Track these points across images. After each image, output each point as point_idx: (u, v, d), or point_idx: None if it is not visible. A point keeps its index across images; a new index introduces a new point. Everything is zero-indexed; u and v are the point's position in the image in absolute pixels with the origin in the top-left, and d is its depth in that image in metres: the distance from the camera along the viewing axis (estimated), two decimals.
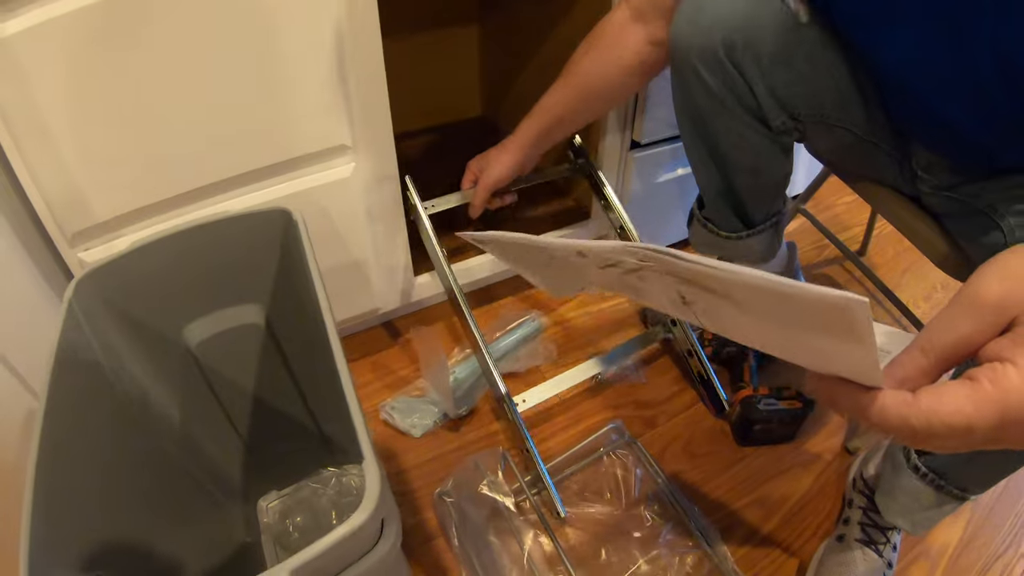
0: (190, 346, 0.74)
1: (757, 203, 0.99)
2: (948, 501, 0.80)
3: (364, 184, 0.96)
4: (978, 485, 0.79)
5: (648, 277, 0.41)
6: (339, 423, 0.82)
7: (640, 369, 1.20)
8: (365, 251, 1.03)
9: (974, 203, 0.79)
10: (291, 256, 0.74)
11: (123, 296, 0.66)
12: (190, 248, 0.69)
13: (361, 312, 1.10)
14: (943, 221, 0.88)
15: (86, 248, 0.79)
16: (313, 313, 0.61)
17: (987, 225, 0.77)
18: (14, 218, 0.74)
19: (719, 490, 1.02)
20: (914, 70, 0.72)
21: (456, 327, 1.25)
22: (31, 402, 0.72)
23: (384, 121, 0.91)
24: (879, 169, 0.91)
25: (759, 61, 0.79)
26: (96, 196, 0.76)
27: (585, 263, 0.46)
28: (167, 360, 0.72)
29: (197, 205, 0.84)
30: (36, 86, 0.67)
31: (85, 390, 0.58)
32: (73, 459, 0.55)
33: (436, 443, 1.04)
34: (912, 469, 0.81)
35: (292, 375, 0.83)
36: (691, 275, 0.36)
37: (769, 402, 1.05)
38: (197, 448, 0.77)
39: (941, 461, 0.79)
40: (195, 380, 0.76)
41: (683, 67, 0.83)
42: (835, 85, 0.82)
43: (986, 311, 0.35)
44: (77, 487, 0.55)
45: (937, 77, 0.70)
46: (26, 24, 0.64)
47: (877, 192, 0.96)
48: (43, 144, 0.70)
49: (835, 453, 1.09)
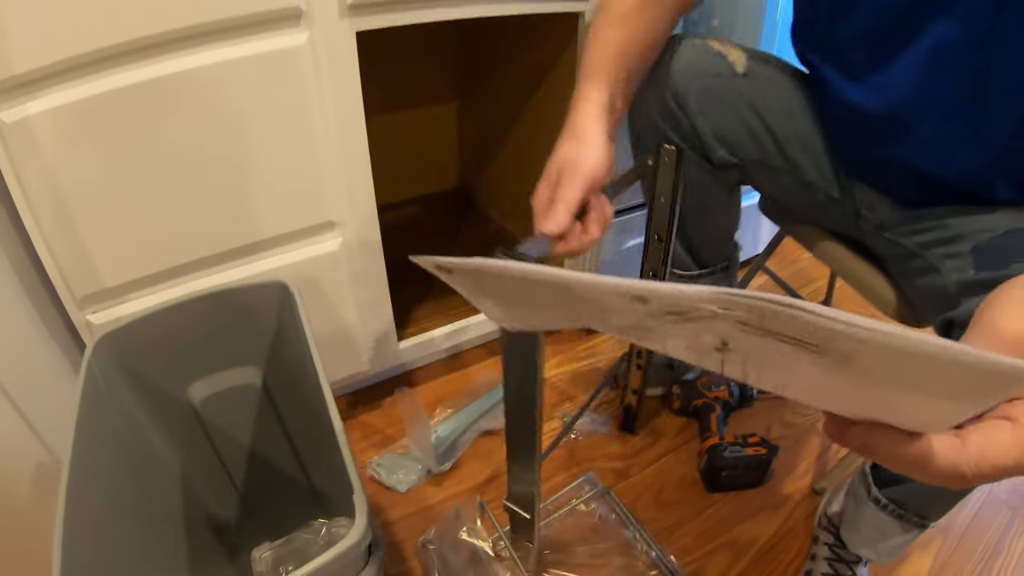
0: (193, 403, 0.80)
1: (707, 244, 1.07)
2: (910, 529, 0.85)
3: (350, 257, 1.03)
4: (936, 511, 0.83)
5: (696, 322, 0.33)
6: (329, 477, 0.88)
7: (610, 423, 1.26)
8: (352, 318, 1.09)
9: (911, 244, 0.83)
10: (287, 323, 0.82)
11: (134, 357, 0.73)
12: (196, 315, 0.77)
13: (349, 375, 1.16)
14: (887, 266, 0.91)
15: (93, 311, 0.85)
16: (306, 375, 0.68)
17: (925, 267, 0.80)
18: (27, 279, 0.80)
19: (690, 535, 1.06)
20: (903, 107, 0.75)
21: (438, 388, 1.32)
22: (35, 442, 0.76)
23: (368, 200, 1.00)
24: (823, 210, 0.95)
25: (700, 103, 0.87)
26: (104, 264, 0.82)
27: (623, 305, 0.36)
28: (172, 415, 0.79)
29: (198, 274, 0.90)
30: (54, 162, 0.74)
31: (103, 440, 0.64)
32: (91, 509, 0.59)
33: (420, 497, 1.09)
34: (873, 501, 0.85)
35: (286, 432, 0.89)
36: (813, 331, 0.29)
37: (734, 449, 1.11)
38: (196, 498, 0.82)
39: (901, 492, 0.83)
40: (197, 435, 0.82)
41: (640, 118, 0.94)
42: (775, 130, 0.89)
43: (1007, 345, 0.36)
44: (94, 535, 0.59)
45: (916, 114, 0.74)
46: (47, 105, 0.71)
47: (822, 240, 1.00)
48: (58, 214, 0.76)
49: (803, 495, 1.14)
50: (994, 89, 0.68)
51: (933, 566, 1.04)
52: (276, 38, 0.80)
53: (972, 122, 0.71)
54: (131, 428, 0.72)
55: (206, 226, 0.87)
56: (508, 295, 0.46)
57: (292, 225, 0.94)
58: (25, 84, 0.69)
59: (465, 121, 1.68)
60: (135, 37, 0.72)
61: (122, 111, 0.75)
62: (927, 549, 1.06)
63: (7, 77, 0.67)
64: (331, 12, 0.82)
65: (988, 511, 1.14)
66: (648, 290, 0.33)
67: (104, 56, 0.72)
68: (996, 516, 1.14)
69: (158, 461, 0.77)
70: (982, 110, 0.69)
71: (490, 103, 1.51)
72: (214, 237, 0.89)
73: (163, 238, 0.85)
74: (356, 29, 0.85)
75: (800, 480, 1.17)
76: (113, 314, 0.85)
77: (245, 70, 0.80)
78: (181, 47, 0.76)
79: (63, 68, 0.70)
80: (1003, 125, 0.69)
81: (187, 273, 0.89)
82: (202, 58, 0.77)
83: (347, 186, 0.96)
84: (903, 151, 0.77)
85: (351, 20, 0.84)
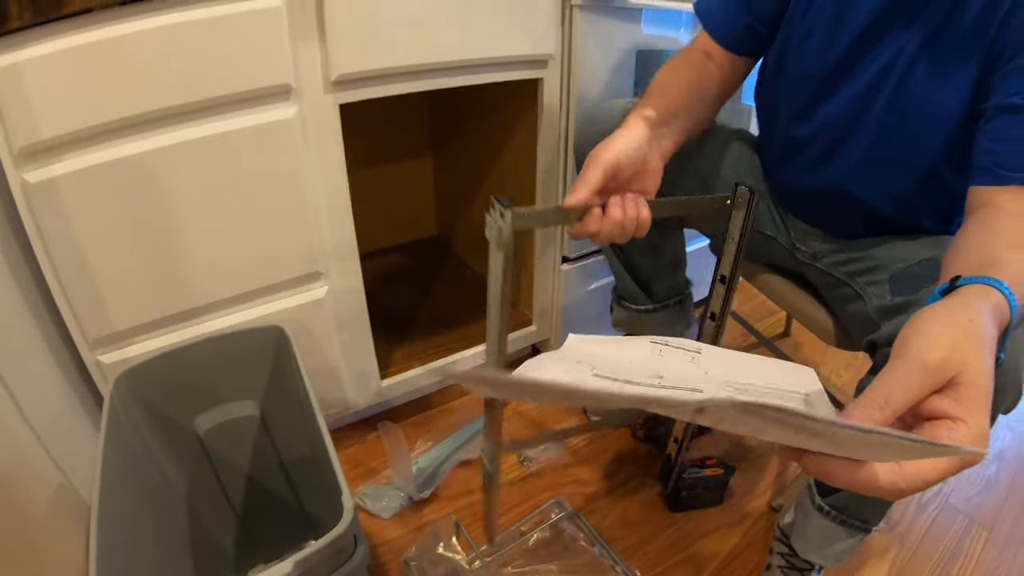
0: (199, 433, 0.89)
1: (658, 279, 1.17)
2: (855, 533, 0.91)
3: (336, 303, 1.11)
4: (875, 515, 0.90)
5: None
6: (320, 501, 0.97)
7: (564, 448, 1.34)
8: (338, 358, 1.17)
9: (839, 273, 0.92)
10: (282, 362, 0.91)
11: (149, 391, 0.83)
12: (204, 354, 0.87)
13: (335, 411, 1.24)
14: (822, 294, 1.01)
15: (103, 352, 0.92)
16: (300, 408, 0.78)
17: (851, 294, 0.89)
18: (43, 322, 0.88)
19: (654, 551, 1.14)
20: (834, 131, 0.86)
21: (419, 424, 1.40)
22: (48, 464, 0.81)
23: (351, 252, 1.09)
24: (763, 247, 1.06)
25: None
26: (115, 309, 0.89)
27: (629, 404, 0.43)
28: (180, 445, 0.87)
29: (200, 319, 0.98)
30: (74, 218, 0.81)
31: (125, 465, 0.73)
32: (119, 532, 0.66)
33: (403, 522, 1.16)
34: (817, 509, 0.92)
35: (280, 460, 0.97)
36: (816, 431, 0.38)
37: (693, 471, 1.19)
38: (200, 522, 0.90)
39: (841, 499, 0.89)
40: (201, 462, 0.90)
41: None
42: (710, 171, 0.99)
43: (932, 373, 0.43)
44: (123, 557, 0.66)
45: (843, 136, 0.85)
46: (68, 168, 0.79)
47: (763, 273, 1.10)
48: (74, 265, 0.84)
49: (761, 512, 1.22)
50: (916, 119, 0.79)
51: (890, 572, 1.10)
52: (269, 111, 0.90)
53: (899, 149, 0.81)
54: (148, 456, 0.82)
55: (207, 276, 0.95)
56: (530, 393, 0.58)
57: (282, 275, 1.03)
58: (49, 149, 0.78)
59: (441, 175, 1.78)
60: (147, 110, 0.81)
61: (134, 174, 0.84)
62: (884, 557, 1.13)
63: (34, 142, 0.76)
64: (317, 88, 0.93)
65: (945, 518, 1.22)
66: (653, 399, 0.42)
67: (120, 126, 0.81)
68: (952, 523, 1.21)
69: (170, 487, 0.86)
70: (910, 137, 0.80)
71: (463, 158, 1.61)
72: (213, 286, 0.97)
73: (168, 286, 0.93)
74: (339, 102, 0.96)
75: (759, 498, 1.25)
76: (122, 355, 0.92)
77: (242, 139, 0.89)
78: (187, 119, 0.85)
79: (84, 135, 0.79)
80: (929, 151, 0.80)
81: (190, 318, 0.97)
82: (204, 129, 0.86)
83: (332, 240, 1.05)
84: (836, 176, 0.88)
85: (335, 95, 0.95)
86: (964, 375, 0.43)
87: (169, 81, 0.81)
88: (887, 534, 1.19)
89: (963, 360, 0.43)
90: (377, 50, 0.95)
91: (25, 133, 0.75)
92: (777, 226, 1.04)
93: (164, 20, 0.78)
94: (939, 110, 0.77)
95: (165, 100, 0.82)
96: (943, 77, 0.76)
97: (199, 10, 0.80)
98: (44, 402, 0.83)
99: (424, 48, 0.99)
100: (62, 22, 0.73)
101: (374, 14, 0.92)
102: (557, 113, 1.23)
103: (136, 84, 0.79)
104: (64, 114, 0.77)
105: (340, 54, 0.92)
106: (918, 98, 0.78)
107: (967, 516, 1.23)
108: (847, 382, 1.58)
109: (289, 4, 0.86)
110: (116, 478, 0.69)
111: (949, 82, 0.75)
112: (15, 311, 0.81)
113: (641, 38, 1.24)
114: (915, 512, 1.24)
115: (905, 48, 0.77)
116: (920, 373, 0.43)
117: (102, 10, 0.74)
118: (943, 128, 0.78)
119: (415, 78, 1.02)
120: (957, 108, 0.76)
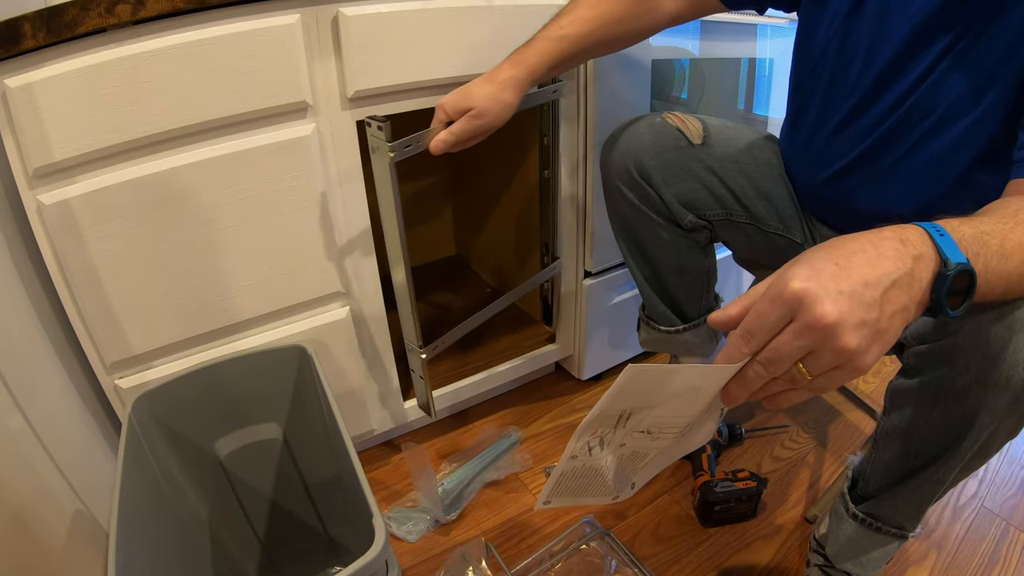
0: (220, 456, 0.88)
1: (687, 299, 1.15)
2: (890, 540, 0.88)
3: (358, 323, 1.10)
4: (910, 520, 0.87)
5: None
6: (345, 526, 0.95)
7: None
8: (360, 380, 1.16)
9: None
10: (305, 383, 0.90)
11: (169, 414, 0.81)
12: (224, 376, 0.85)
13: (358, 433, 1.22)
14: None
15: (121, 376, 0.91)
16: (324, 430, 0.76)
17: None
18: (58, 345, 0.87)
19: (688, 568, 1.11)
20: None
21: (444, 444, 1.38)
22: (65, 489, 0.80)
23: (372, 272, 1.08)
24: (785, 254, 1.00)
25: (663, 175, 0.98)
26: (133, 332, 0.89)
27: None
28: (201, 468, 0.86)
29: (219, 342, 0.97)
30: (90, 240, 0.81)
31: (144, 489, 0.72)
32: (140, 555, 0.65)
33: (429, 546, 1.14)
34: (851, 516, 0.89)
35: (304, 483, 0.95)
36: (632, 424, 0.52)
37: (725, 484, 1.16)
38: (222, 547, 0.88)
39: (874, 505, 0.87)
40: (223, 486, 0.89)
41: (609, 186, 1.04)
42: (734, 188, 0.99)
43: (788, 303, 0.47)
44: None
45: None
46: (84, 189, 0.79)
47: None
48: (90, 287, 0.83)
49: (796, 523, 1.18)
50: (949, 125, 0.78)
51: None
52: (286, 129, 0.90)
53: (933, 157, 0.81)
54: (167, 480, 0.80)
55: (226, 296, 0.95)
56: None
57: (303, 295, 1.02)
58: (64, 169, 0.78)
59: (459, 194, 1.78)
60: (162, 129, 0.81)
61: (151, 194, 0.83)
62: (922, 564, 1.09)
63: (49, 162, 0.76)
64: (334, 105, 0.93)
65: (981, 522, 1.18)
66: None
67: (135, 145, 0.81)
68: (989, 528, 1.17)
69: (191, 512, 0.84)
70: (943, 146, 0.79)
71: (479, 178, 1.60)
72: (233, 307, 0.96)
73: (187, 309, 0.92)
74: (356, 119, 0.96)
75: (792, 510, 1.22)
76: (141, 379, 0.91)
77: (259, 157, 0.89)
78: (202, 138, 0.85)
79: (99, 155, 0.79)
80: (961, 158, 0.79)
81: (209, 340, 0.97)
82: (220, 148, 0.86)
83: (352, 259, 1.05)
84: (869, 186, 0.88)
85: (351, 111, 0.95)
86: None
87: (184, 100, 0.81)
88: (923, 540, 1.16)
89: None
90: (393, 65, 0.94)
91: (40, 154, 0.75)
92: (805, 235, 1.03)
93: (178, 39, 0.78)
94: (978, 114, 0.76)
95: (181, 119, 0.82)
96: (985, 82, 0.75)
97: (213, 28, 0.80)
98: (61, 427, 0.83)
99: (440, 64, 0.99)
100: (76, 42, 0.73)
101: (390, 29, 0.92)
102: (575, 132, 1.22)
103: (151, 103, 0.79)
104: (79, 134, 0.77)
105: (356, 70, 0.91)
106: (959, 103, 0.77)
107: (1003, 519, 1.20)
108: (875, 388, 1.54)
109: (304, 20, 0.86)
110: (134, 503, 0.68)
111: (992, 87, 0.75)
112: (31, 335, 0.81)
113: (654, 48, 1.23)
114: (951, 517, 1.21)
115: (945, 55, 0.76)
116: (778, 305, 0.48)
117: (116, 29, 0.75)
118: (983, 132, 0.77)
119: (431, 93, 1.01)
120: (999, 114, 0.75)
